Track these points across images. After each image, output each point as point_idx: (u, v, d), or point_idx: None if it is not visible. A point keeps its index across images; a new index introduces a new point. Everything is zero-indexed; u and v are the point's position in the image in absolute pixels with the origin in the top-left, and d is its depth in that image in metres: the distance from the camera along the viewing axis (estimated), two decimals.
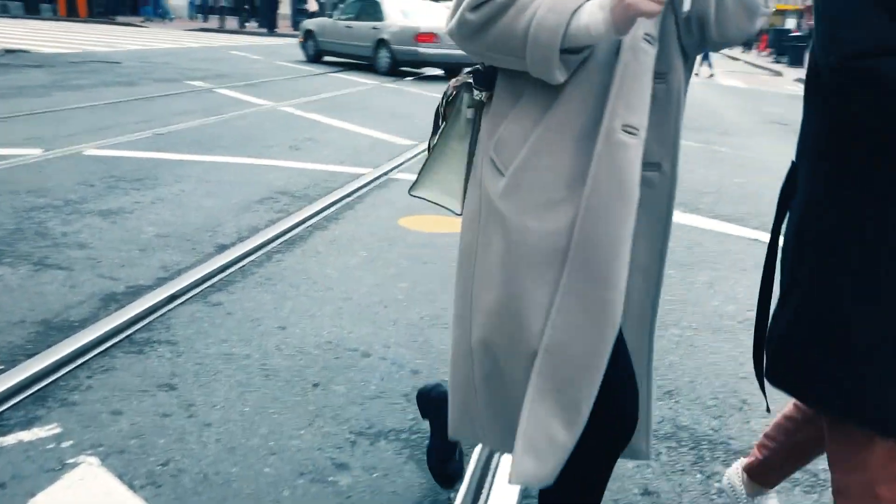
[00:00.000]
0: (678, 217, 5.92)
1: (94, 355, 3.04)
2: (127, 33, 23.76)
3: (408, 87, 13.81)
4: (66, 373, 2.90)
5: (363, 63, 16.70)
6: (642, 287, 1.65)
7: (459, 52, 11.88)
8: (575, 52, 1.41)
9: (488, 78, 1.62)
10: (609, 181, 1.42)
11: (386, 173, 6.62)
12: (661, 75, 1.51)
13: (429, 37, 15.06)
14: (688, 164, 7.94)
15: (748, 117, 12.90)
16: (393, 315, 3.63)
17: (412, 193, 1.92)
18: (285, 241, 4.60)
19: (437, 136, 1.83)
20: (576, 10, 1.37)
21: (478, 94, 1.65)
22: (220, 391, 2.85)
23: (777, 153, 9.05)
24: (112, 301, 3.56)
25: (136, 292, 3.68)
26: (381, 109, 10.71)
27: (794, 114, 13.47)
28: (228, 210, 5.17)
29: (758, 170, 7.94)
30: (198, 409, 2.71)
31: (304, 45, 18.26)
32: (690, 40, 1.56)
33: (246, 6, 32.32)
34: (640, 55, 1.43)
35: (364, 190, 6.02)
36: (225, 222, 4.88)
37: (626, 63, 1.43)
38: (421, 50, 15.23)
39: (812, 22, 1.50)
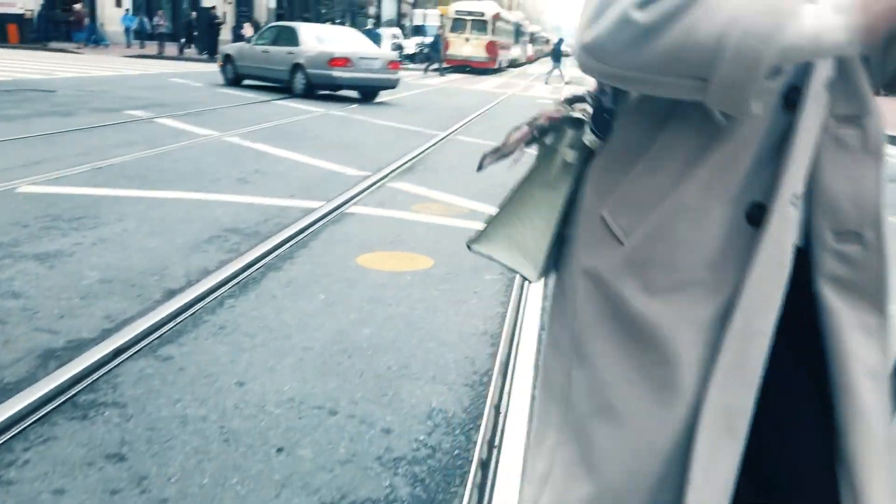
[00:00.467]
0: None
1: (32, 423, 2.76)
2: (61, 60, 23.08)
3: (356, 115, 13.63)
4: (0, 445, 2.61)
5: (280, 86, 17.17)
6: (875, 395, 1.18)
7: (371, 75, 11.93)
8: (774, 76, 1.04)
9: (610, 115, 1.27)
10: (771, 264, 1.11)
11: (339, 207, 6.40)
12: (852, 118, 1.16)
13: (342, 61, 16.02)
14: None
15: None
16: (358, 365, 3.41)
17: (474, 249, 1.43)
18: (238, 283, 4.35)
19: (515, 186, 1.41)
20: (791, 11, 0.98)
21: (590, 139, 1.29)
22: (175, 460, 2.60)
23: None
24: (51, 358, 3.27)
25: (78, 347, 3.39)
26: (330, 138, 10.50)
27: None
28: (176, 251, 4.89)
29: None
30: (151, 483, 2.46)
31: (223, 69, 18.74)
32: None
33: (186, 32, 31.82)
34: (820, 97, 1.13)
35: (318, 225, 5.79)
36: (172, 264, 4.60)
37: (807, 110, 1.11)
38: (335, 73, 16.05)
39: None
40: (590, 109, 1.31)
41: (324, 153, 9.11)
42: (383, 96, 18.09)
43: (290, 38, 17.03)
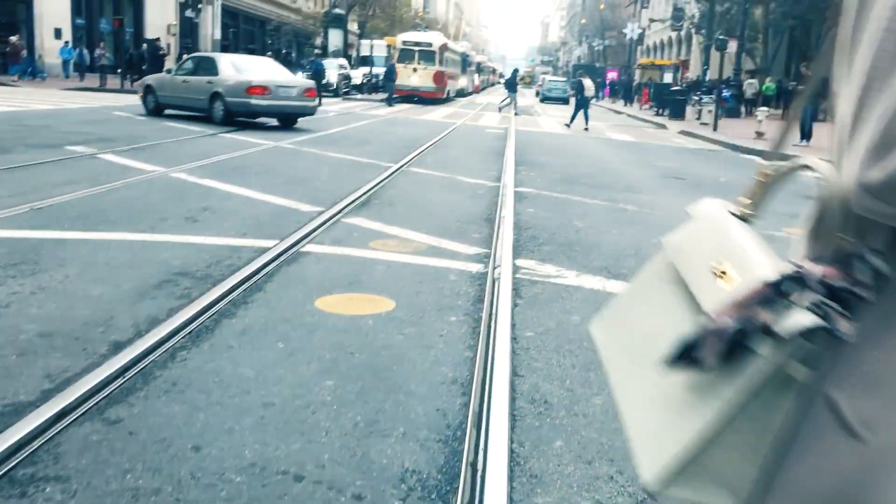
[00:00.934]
0: (606, 285, 5.82)
1: None
2: None
3: (306, 148, 13.41)
4: None
5: (200, 115, 17.34)
6: None
7: (289, 102, 11.99)
8: None
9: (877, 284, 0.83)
10: None
11: (294, 246, 6.17)
12: None
13: (260, 89, 16.55)
14: (599, 225, 7.84)
15: (645, 172, 13.09)
16: (323, 422, 3.20)
17: (661, 493, 0.95)
18: (190, 333, 4.10)
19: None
20: None
21: (844, 330, 0.82)
22: None
23: (681, 210, 9.07)
24: None
25: (15, 412, 3.11)
26: (280, 172, 10.26)
27: (688, 168, 13.78)
28: (122, 298, 4.62)
29: (668, 227, 7.87)
30: None
31: (144, 100, 18.91)
32: None
33: (128, 64, 31.26)
34: None
35: (272, 266, 5.56)
36: (119, 314, 4.33)
37: None
38: (253, 101, 16.57)
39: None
40: (818, 296, 0.83)
41: (275, 188, 8.87)
42: (333, 126, 17.92)
43: (210, 68, 17.54)
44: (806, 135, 19.51)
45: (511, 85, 32.77)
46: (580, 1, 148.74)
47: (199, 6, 31.83)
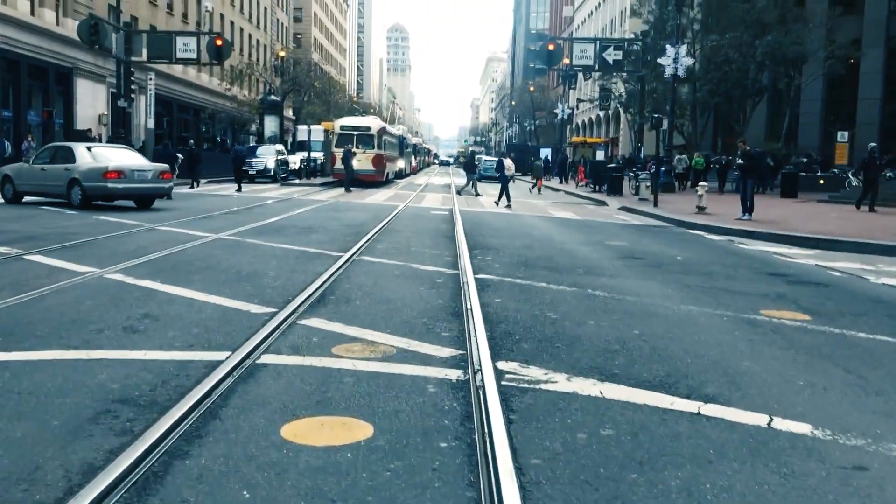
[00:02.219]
0: (602, 390, 5.23)
1: None
2: None
3: (248, 239, 12.76)
4: None
5: (59, 200, 18.55)
6: None
7: (145, 185, 11.83)
8: None
9: None
10: None
11: (249, 355, 5.52)
12: None
13: (115, 174, 17.81)
14: (573, 314, 7.37)
15: (601, 252, 12.79)
16: None
17: None
18: (135, 485, 3.41)
19: None
20: None
21: None
22: None
23: (651, 294, 8.71)
24: None
25: None
26: (224, 268, 9.59)
27: (640, 246, 13.53)
28: (50, 438, 3.90)
29: (645, 316, 7.48)
30: None
31: (2, 189, 19.77)
32: None
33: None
34: None
35: (226, 385, 4.89)
36: (46, 461, 3.62)
37: None
38: (109, 185, 17.76)
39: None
40: None
41: (220, 287, 8.21)
42: (276, 214, 17.34)
43: (67, 156, 18.69)
44: (748, 209, 19.67)
45: (470, 167, 32.83)
46: (509, 84, 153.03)
47: (133, 96, 31.21)
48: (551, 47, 32.60)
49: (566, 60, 70.23)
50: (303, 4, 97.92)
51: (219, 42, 31.51)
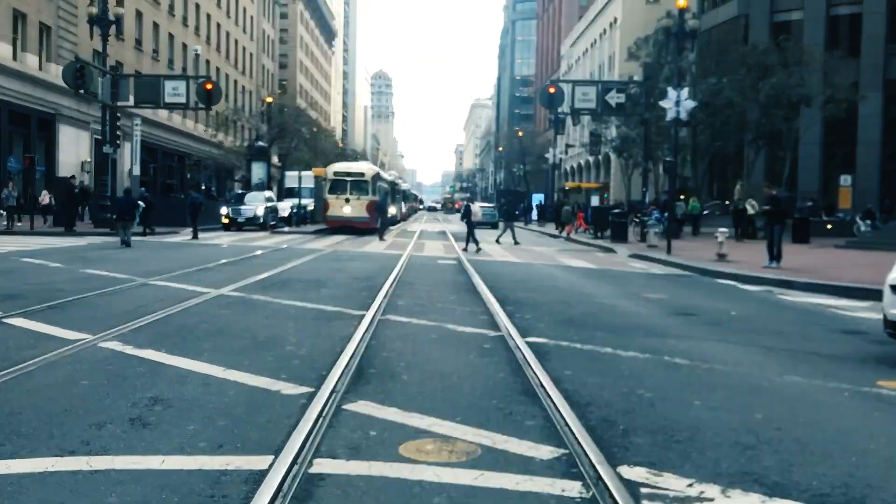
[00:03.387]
0: None
1: None
2: None
3: (255, 296, 11.48)
4: None
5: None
6: None
7: None
8: None
9: None
10: None
11: (297, 460, 4.26)
12: None
13: None
14: (668, 392, 6.16)
15: (646, 308, 11.61)
16: None
17: None
18: None
19: None
20: None
21: None
22: None
23: (739, 362, 7.52)
24: None
25: None
26: (236, 333, 8.33)
27: (680, 299, 12.34)
28: None
29: (753, 392, 6.28)
30: None
31: None
32: None
33: (37, 204, 28.96)
34: None
35: None
36: None
37: None
38: None
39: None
40: None
41: (238, 358, 6.95)
42: (275, 266, 16.08)
43: None
44: (775, 256, 18.63)
45: (510, 215, 32.26)
46: (494, 129, 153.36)
47: (118, 142, 30.00)
48: (552, 90, 31.77)
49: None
50: (288, 51, 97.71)
51: (208, 86, 30.46)
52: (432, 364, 7.05)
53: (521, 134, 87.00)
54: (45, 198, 31.21)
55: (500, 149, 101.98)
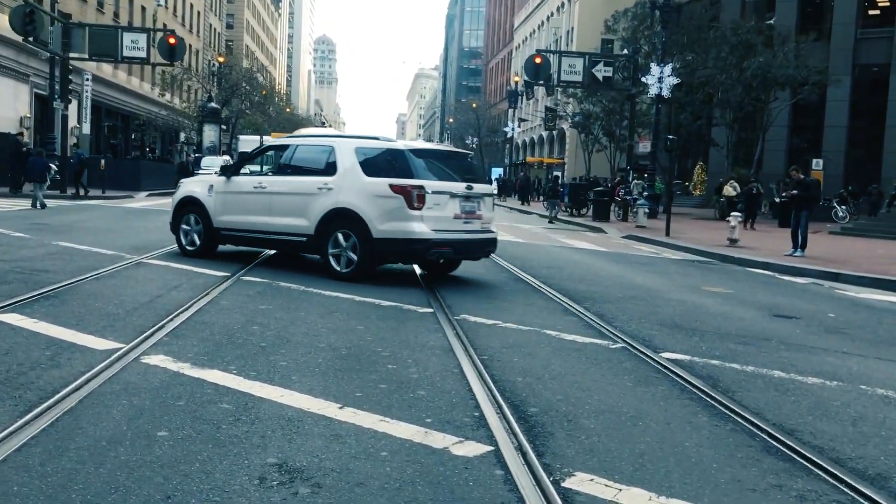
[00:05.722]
0: None
1: None
2: None
3: (283, 283, 9.62)
4: None
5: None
6: None
7: None
8: None
9: None
10: None
11: None
12: None
13: None
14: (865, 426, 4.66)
15: (731, 306, 10.16)
16: None
17: None
18: None
19: None
20: None
21: None
22: None
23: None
24: None
25: None
26: (305, 341, 6.54)
27: (749, 295, 10.92)
28: None
29: None
30: None
31: None
32: None
33: None
34: None
35: None
36: None
37: None
38: None
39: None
40: None
41: (339, 385, 5.23)
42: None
43: None
44: (801, 244, 17.50)
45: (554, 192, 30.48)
46: (440, 101, 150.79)
47: (71, 97, 27.29)
48: (538, 60, 30.17)
49: (516, 78, 68.34)
50: (235, 11, 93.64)
51: (172, 40, 27.93)
52: (589, 395, 5.42)
53: (475, 105, 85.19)
54: None
55: (451, 120, 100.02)
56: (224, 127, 59.14)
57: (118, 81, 49.44)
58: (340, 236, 10.10)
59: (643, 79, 31.10)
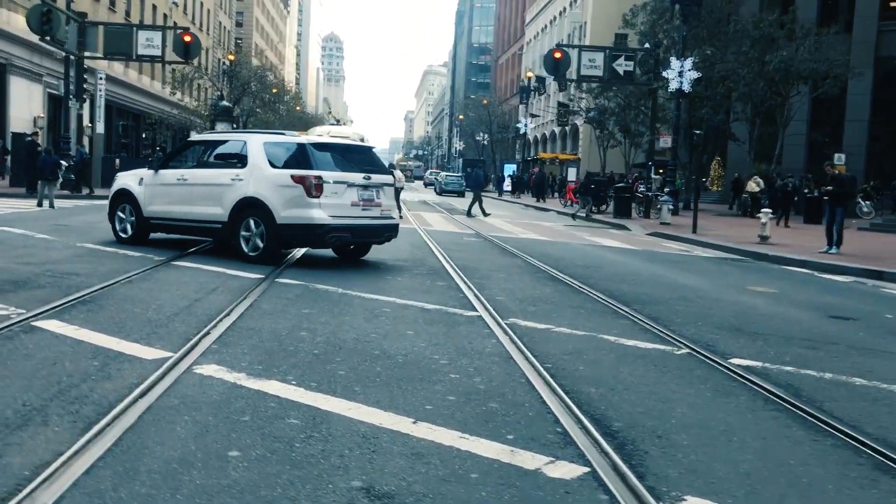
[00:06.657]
0: None
1: None
2: None
3: (319, 285, 9.33)
4: None
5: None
6: None
7: None
8: None
9: None
10: None
11: None
12: None
13: None
14: None
15: (784, 307, 9.82)
16: None
17: None
18: None
19: None
20: None
21: None
22: None
23: None
24: None
25: None
26: (358, 348, 6.24)
27: (793, 294, 10.45)
28: None
29: None
30: None
31: None
32: None
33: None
34: None
35: None
36: None
37: None
38: None
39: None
40: None
41: (404, 396, 4.93)
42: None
43: None
44: (836, 242, 17.11)
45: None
46: (449, 98, 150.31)
47: (84, 97, 27.07)
48: (558, 55, 29.79)
49: (528, 74, 67.95)
50: (244, 9, 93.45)
51: (187, 38, 27.66)
52: (671, 408, 5.10)
53: (486, 102, 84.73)
54: None
55: (461, 117, 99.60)
56: (236, 125, 59.05)
57: (129, 80, 49.27)
58: (252, 223, 10.94)
59: (664, 73, 30.69)
